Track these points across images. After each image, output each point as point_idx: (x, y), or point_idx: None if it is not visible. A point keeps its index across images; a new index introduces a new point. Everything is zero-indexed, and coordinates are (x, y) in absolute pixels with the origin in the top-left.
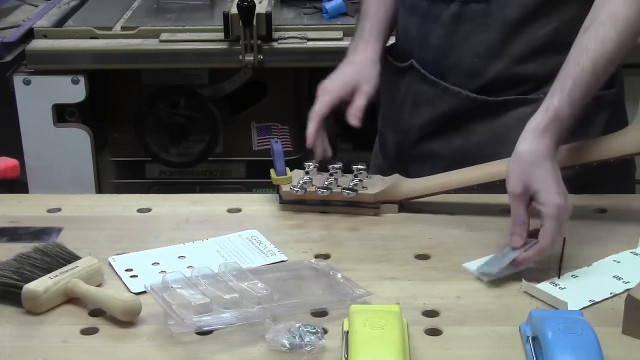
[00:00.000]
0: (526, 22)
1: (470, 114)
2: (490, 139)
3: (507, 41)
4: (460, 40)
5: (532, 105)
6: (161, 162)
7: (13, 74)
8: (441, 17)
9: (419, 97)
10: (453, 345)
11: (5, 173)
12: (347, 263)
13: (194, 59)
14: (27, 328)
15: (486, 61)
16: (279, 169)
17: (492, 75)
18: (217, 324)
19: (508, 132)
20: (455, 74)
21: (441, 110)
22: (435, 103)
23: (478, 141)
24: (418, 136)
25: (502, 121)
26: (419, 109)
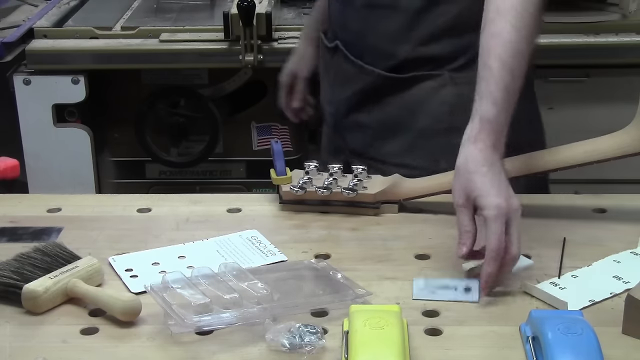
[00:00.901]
0: (428, 10)
1: (384, 89)
2: (403, 110)
3: (412, 27)
4: (373, 26)
5: (436, 79)
6: (161, 162)
7: (13, 74)
8: (355, 3)
9: (343, 74)
10: (453, 345)
11: (5, 173)
12: (347, 263)
13: (194, 59)
14: (27, 328)
15: (395, 44)
16: (279, 169)
17: (401, 56)
18: (217, 324)
19: (417, 103)
20: (371, 55)
21: (360, 86)
22: (355, 80)
23: (393, 112)
24: (346, 108)
25: (411, 94)
26: (344, 85)
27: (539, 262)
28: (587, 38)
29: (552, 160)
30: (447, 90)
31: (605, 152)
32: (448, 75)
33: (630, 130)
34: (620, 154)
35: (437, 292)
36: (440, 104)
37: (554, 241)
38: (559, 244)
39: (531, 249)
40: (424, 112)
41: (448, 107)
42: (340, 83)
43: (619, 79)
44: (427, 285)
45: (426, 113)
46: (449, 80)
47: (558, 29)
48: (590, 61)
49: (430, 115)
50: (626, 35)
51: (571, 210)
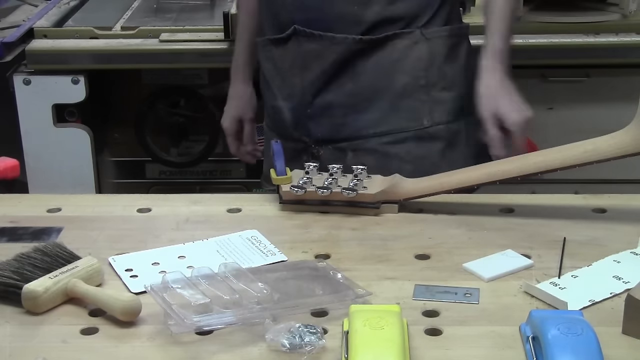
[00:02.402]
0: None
1: (357, 55)
2: (378, 74)
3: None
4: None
5: (409, 37)
6: (161, 162)
7: (13, 74)
8: None
9: (307, 55)
10: (453, 345)
11: (5, 173)
12: (347, 263)
13: (194, 59)
14: (27, 328)
15: (363, 6)
16: (279, 169)
17: (371, 19)
18: (217, 324)
19: (392, 64)
20: (339, 24)
21: (331, 60)
22: (324, 55)
23: (368, 79)
24: (312, 93)
25: (385, 56)
26: (308, 67)
27: (539, 262)
28: (587, 38)
29: (552, 160)
30: (420, 46)
31: (605, 152)
32: (419, 32)
33: (630, 130)
34: (620, 154)
35: (437, 296)
36: (415, 61)
37: (554, 241)
38: (559, 244)
39: (531, 249)
40: (401, 71)
41: (423, 63)
42: (303, 68)
43: (619, 79)
44: (428, 290)
45: (403, 72)
46: (421, 36)
47: (558, 29)
48: (590, 61)
49: (407, 73)
50: (626, 35)
51: (571, 210)
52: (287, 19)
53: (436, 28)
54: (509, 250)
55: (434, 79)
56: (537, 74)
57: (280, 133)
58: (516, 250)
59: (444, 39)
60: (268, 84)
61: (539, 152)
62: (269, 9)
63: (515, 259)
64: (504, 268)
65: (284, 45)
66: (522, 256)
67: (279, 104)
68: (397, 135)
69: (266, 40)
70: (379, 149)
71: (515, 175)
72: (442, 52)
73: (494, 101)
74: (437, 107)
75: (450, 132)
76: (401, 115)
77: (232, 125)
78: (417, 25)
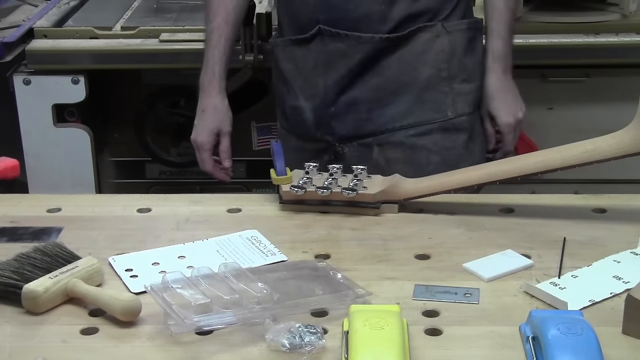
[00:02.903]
0: None
1: (383, 53)
2: (402, 68)
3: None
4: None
5: (431, 30)
6: (161, 162)
7: (13, 74)
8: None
9: (332, 55)
10: (453, 345)
11: (5, 173)
12: (347, 263)
13: (194, 59)
14: (27, 328)
15: (390, 5)
16: (279, 169)
17: (397, 16)
18: (217, 324)
19: (416, 57)
20: (365, 23)
21: (357, 59)
22: (350, 55)
23: (393, 74)
24: (335, 92)
25: (409, 51)
26: (333, 66)
27: (539, 262)
28: (587, 38)
29: (552, 160)
30: (442, 39)
31: (605, 152)
32: (440, 25)
33: (630, 130)
34: (620, 154)
35: (437, 296)
36: (438, 53)
37: (554, 241)
38: (559, 244)
39: (531, 249)
40: (425, 63)
41: (445, 55)
42: (327, 67)
43: (619, 79)
44: (428, 290)
45: (427, 64)
46: (442, 29)
47: (558, 29)
48: (590, 61)
49: (430, 65)
50: (626, 35)
51: (571, 210)
52: (310, 19)
53: (456, 21)
54: (509, 250)
55: (455, 71)
56: (537, 74)
57: (299, 134)
58: (516, 250)
59: (463, 32)
60: (289, 85)
61: (539, 152)
62: (287, 9)
63: (515, 259)
64: (504, 268)
65: (307, 46)
66: (522, 256)
67: (300, 104)
68: (423, 127)
69: (287, 40)
70: (405, 142)
71: (515, 175)
72: (461, 45)
73: (490, 101)
74: (459, 99)
75: (472, 124)
76: (426, 107)
77: (209, 139)
78: (439, 18)
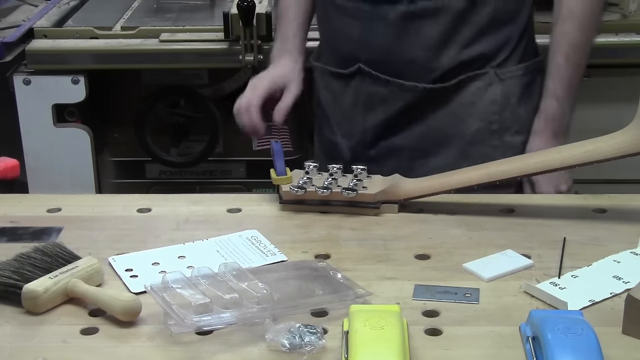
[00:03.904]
0: (470, 10)
1: (428, 102)
2: (449, 119)
3: (456, 30)
4: (411, 37)
5: (482, 79)
6: (161, 162)
7: (13, 74)
8: (387, 17)
9: (372, 98)
10: (453, 345)
11: (5, 173)
12: (347, 263)
13: (194, 59)
14: (27, 328)
15: (437, 52)
16: (279, 169)
17: (444, 64)
18: (217, 324)
19: (465, 109)
20: (409, 70)
21: (398, 107)
22: (390, 101)
23: (437, 124)
24: (375, 136)
25: (457, 101)
26: (372, 110)
27: (539, 262)
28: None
29: (552, 160)
30: (494, 88)
31: (605, 152)
32: (493, 72)
33: (630, 131)
34: (620, 154)
35: (437, 296)
36: (489, 104)
37: (554, 241)
38: (559, 244)
39: (531, 249)
40: (473, 115)
41: (497, 107)
42: (366, 110)
43: (619, 79)
44: (428, 290)
45: (476, 116)
46: (495, 77)
47: None
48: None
49: (480, 117)
50: (626, 35)
51: (571, 210)
52: (351, 55)
53: (512, 67)
54: (509, 250)
55: (507, 122)
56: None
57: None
58: (516, 250)
59: (519, 77)
60: (326, 116)
61: (539, 152)
62: (328, 38)
63: (515, 259)
64: (504, 268)
65: (346, 81)
66: (522, 256)
67: (337, 140)
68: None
69: (325, 70)
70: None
71: (515, 176)
72: (516, 93)
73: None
74: (510, 153)
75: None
76: (471, 162)
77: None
78: (492, 65)
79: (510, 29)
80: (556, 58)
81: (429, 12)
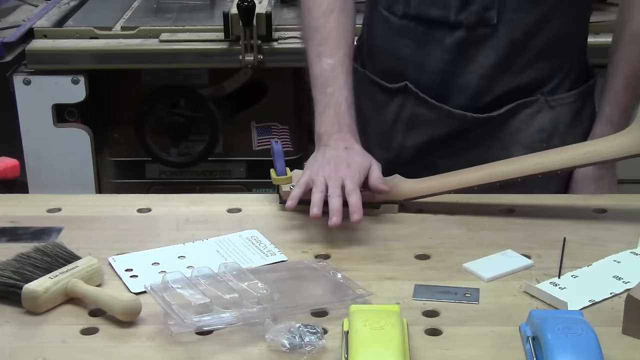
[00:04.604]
0: (529, 38)
1: (473, 129)
2: (495, 146)
3: (512, 58)
4: (466, 64)
5: (532, 106)
6: (161, 162)
7: (13, 74)
8: (444, 42)
9: (416, 119)
10: (453, 345)
11: (5, 173)
12: (347, 263)
13: (194, 59)
14: (27, 328)
15: (492, 80)
16: (279, 169)
17: (497, 92)
18: (217, 324)
19: (512, 136)
20: (459, 96)
21: (444, 132)
22: (434, 126)
23: (482, 150)
24: (414, 154)
25: (506, 129)
26: (415, 130)
27: (539, 262)
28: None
29: (552, 161)
30: (543, 115)
31: (605, 154)
32: (543, 99)
33: (630, 132)
34: (620, 155)
35: (437, 296)
36: (536, 132)
37: (554, 241)
38: (559, 244)
39: (531, 249)
40: (519, 143)
41: (545, 134)
42: (409, 127)
43: None
44: (428, 290)
45: (521, 144)
46: (544, 104)
47: None
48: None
49: (525, 145)
50: None
51: (571, 210)
52: (397, 72)
53: (563, 94)
54: (509, 250)
55: None
56: None
57: None
58: (516, 250)
59: (569, 105)
60: (364, 124)
61: (539, 153)
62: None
63: (515, 259)
64: (504, 268)
65: (389, 95)
66: (522, 256)
67: (371, 149)
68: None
69: (371, 79)
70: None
71: (516, 176)
72: (565, 120)
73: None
74: (554, 180)
75: None
76: (515, 190)
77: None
78: (542, 91)
79: (564, 54)
80: (615, 84)
81: (486, 40)
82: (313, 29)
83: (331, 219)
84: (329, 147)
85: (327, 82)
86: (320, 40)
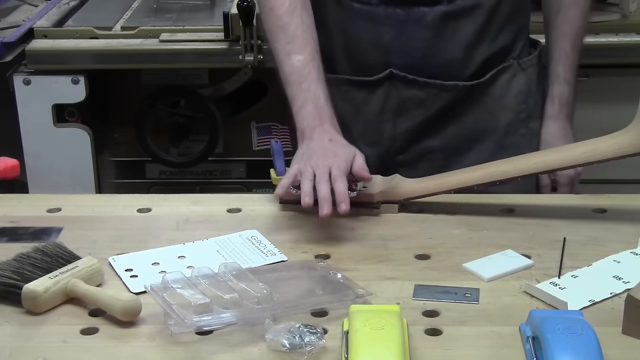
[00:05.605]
0: (500, 3)
1: (463, 100)
2: (481, 115)
3: (488, 25)
4: (448, 37)
5: (508, 71)
6: (161, 162)
7: (13, 74)
8: (425, 19)
9: (405, 103)
10: (453, 345)
11: (5, 173)
12: (347, 263)
13: (194, 59)
14: (27, 328)
15: (472, 49)
16: (279, 168)
17: (478, 60)
18: (217, 324)
19: (495, 102)
20: (445, 70)
21: (437, 108)
22: (428, 103)
23: (471, 121)
24: (406, 140)
25: (489, 95)
26: (404, 115)
27: (539, 262)
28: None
29: (552, 160)
30: (519, 78)
31: (606, 153)
32: (516, 63)
33: (630, 131)
34: (621, 154)
35: (437, 296)
36: (516, 94)
37: (554, 241)
38: (559, 244)
39: (531, 249)
40: (504, 107)
41: (523, 96)
42: (398, 114)
43: (619, 79)
44: (428, 290)
45: (506, 108)
46: (518, 67)
47: None
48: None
49: (510, 109)
50: (626, 35)
51: (571, 210)
52: (379, 62)
53: (527, 56)
54: (509, 250)
55: (531, 110)
56: None
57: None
58: (516, 250)
59: (535, 66)
60: (345, 127)
61: (539, 153)
62: (346, 46)
63: (515, 259)
64: (504, 268)
65: (372, 89)
66: (522, 256)
67: (361, 149)
68: None
69: (344, 79)
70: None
71: (516, 176)
72: (534, 80)
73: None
74: (534, 139)
75: None
76: (506, 154)
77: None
78: (513, 56)
79: (522, 18)
80: (564, 45)
81: (467, 10)
82: (279, 28)
83: (322, 211)
84: (313, 140)
85: (301, 78)
86: (288, 39)
